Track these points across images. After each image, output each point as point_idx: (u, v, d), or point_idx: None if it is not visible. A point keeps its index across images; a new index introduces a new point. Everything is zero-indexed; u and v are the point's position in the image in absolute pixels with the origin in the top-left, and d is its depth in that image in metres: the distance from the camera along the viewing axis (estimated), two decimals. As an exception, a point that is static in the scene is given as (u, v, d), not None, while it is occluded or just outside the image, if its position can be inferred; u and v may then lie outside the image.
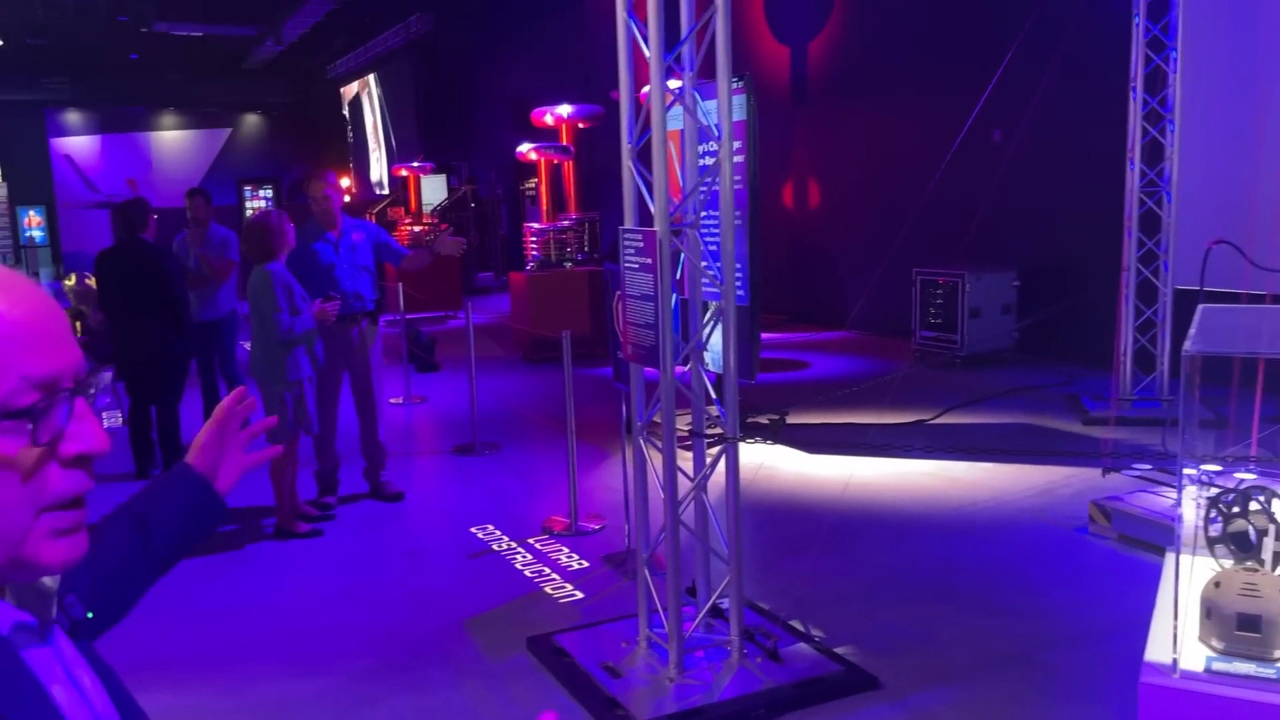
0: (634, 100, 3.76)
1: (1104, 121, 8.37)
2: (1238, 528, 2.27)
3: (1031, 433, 7.31)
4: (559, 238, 11.43)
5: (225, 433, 1.46)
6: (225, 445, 1.46)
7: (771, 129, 13.09)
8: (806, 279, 13.37)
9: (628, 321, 3.87)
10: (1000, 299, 9.88)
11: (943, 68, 10.75)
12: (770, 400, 8.21)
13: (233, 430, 1.47)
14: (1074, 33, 8.59)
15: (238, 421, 1.48)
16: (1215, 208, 8.29)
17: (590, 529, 5.58)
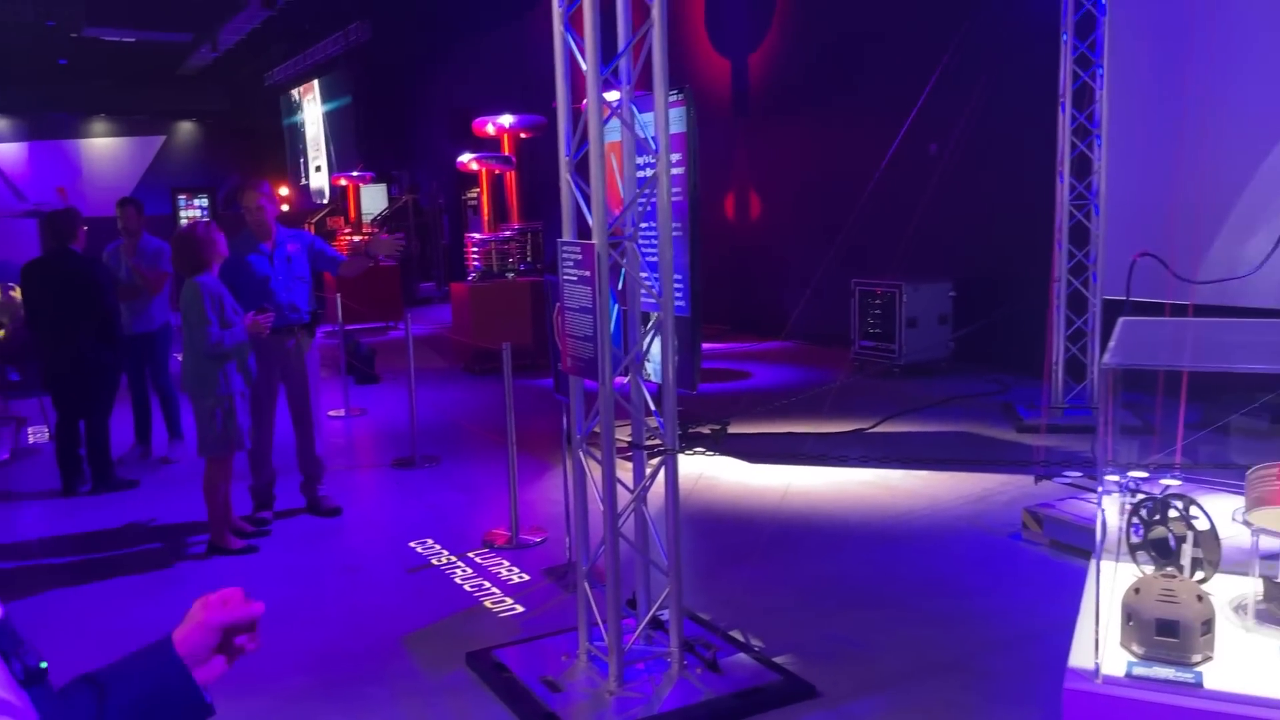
0: (571, 113, 3.76)
1: (1035, 136, 8.57)
2: (1158, 535, 2.33)
3: (967, 441, 7.43)
4: (501, 248, 11.38)
5: (225, 628, 1.29)
6: (220, 637, 1.29)
7: (713, 141, 13.19)
8: (748, 289, 13.47)
9: (566, 334, 3.87)
10: (937, 309, 10.05)
11: (880, 81, 10.93)
12: (712, 410, 8.25)
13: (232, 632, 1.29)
14: (1005, 49, 8.81)
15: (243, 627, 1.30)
16: (1141, 221, 8.53)
17: (531, 542, 5.55)
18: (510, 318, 10.71)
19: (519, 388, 5.89)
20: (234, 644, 1.32)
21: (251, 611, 1.31)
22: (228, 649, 1.31)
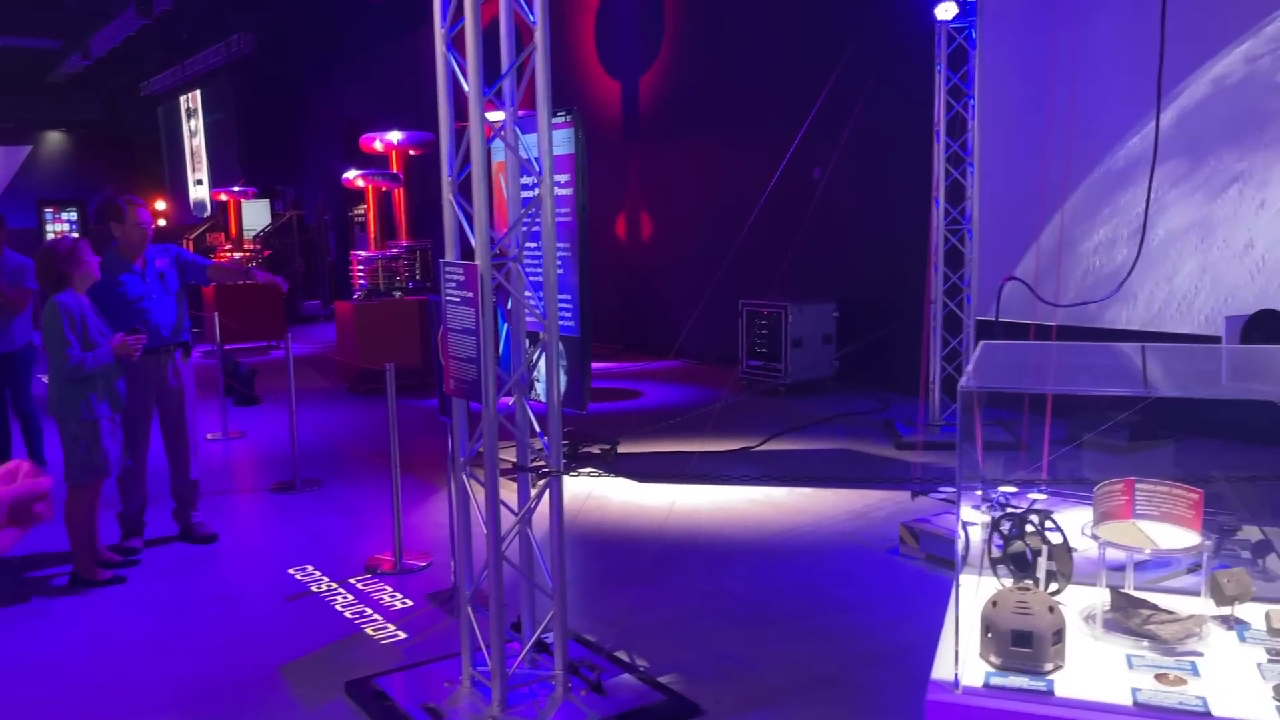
0: (453, 133, 3.74)
1: (913, 163, 8.89)
2: (1016, 549, 2.44)
3: (849, 458, 7.63)
4: (388, 266, 11.20)
5: (15, 503, 1.32)
6: (8, 512, 1.33)
7: (604, 162, 13.27)
8: (639, 309, 13.57)
9: (449, 355, 3.83)
10: (821, 329, 10.30)
11: (766, 105, 11.18)
12: (602, 430, 8.27)
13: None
14: (885, 79, 9.12)
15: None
16: (1013, 245, 8.93)
17: (416, 566, 5.45)
18: (397, 337, 10.54)
19: (406, 408, 5.80)
20: (31, 512, 1.37)
21: (39, 485, 1.37)
22: (21, 519, 1.36)
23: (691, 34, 12.64)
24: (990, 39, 8.43)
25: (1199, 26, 7.78)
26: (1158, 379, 2.46)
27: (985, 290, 8.10)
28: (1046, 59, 8.53)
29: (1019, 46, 8.86)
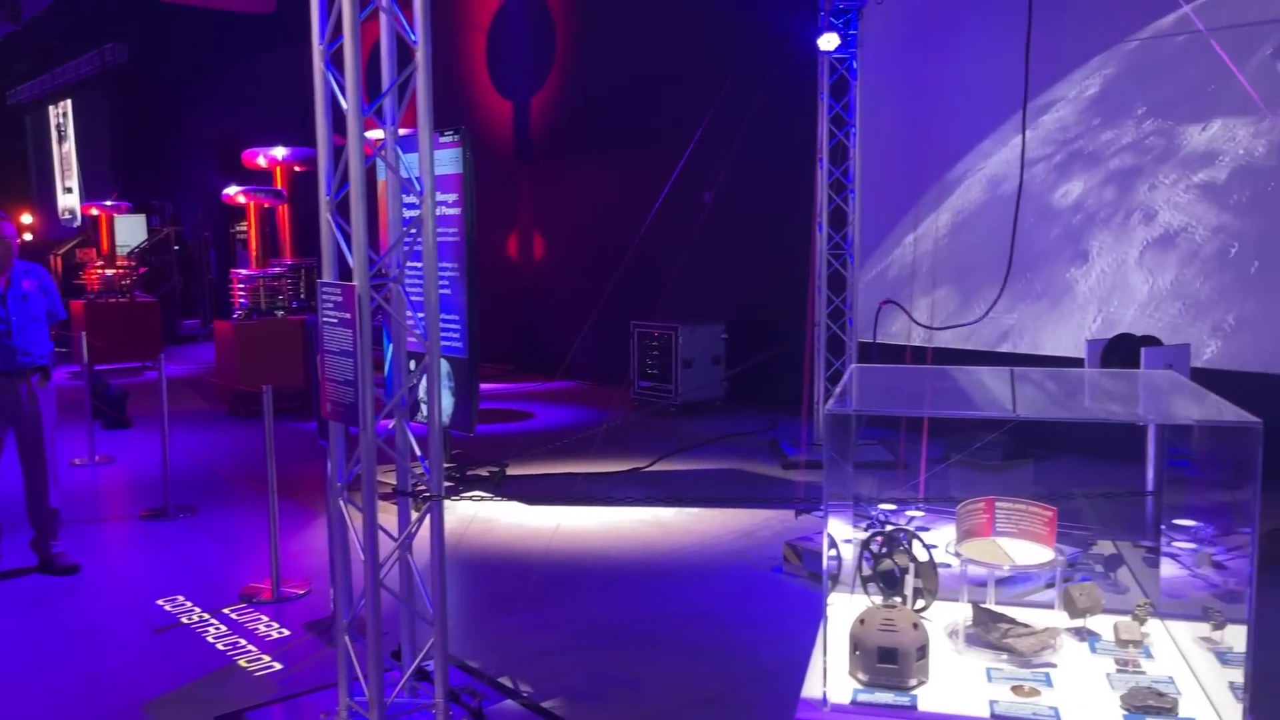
0: (332, 151, 3.67)
1: (799, 189, 9.10)
2: (885, 567, 2.51)
3: (737, 477, 7.73)
4: (270, 285, 10.89)
5: None
6: None
7: (496, 181, 13.21)
8: (532, 330, 13.52)
9: (327, 378, 3.74)
10: (711, 350, 10.43)
11: (656, 128, 11.31)
12: (492, 452, 8.18)
13: None
14: (772, 107, 9.33)
15: None
16: (891, 270, 9.22)
17: (294, 594, 5.29)
18: (279, 358, 10.25)
19: (288, 431, 5.64)
20: None
21: None
22: None
23: (582, 56, 12.72)
24: (870, 70, 8.71)
25: (1062, 55, 8.20)
26: (1019, 401, 2.56)
27: (866, 313, 8.33)
28: (923, 90, 8.87)
29: (897, 78, 9.20)
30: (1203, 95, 7.43)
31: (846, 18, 8.04)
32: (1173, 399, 2.46)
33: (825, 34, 7.83)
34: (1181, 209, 7.57)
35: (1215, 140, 7.38)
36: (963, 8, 8.45)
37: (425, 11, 3.58)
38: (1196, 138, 7.49)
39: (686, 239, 9.11)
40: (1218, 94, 7.32)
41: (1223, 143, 7.34)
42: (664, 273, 9.90)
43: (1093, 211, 8.10)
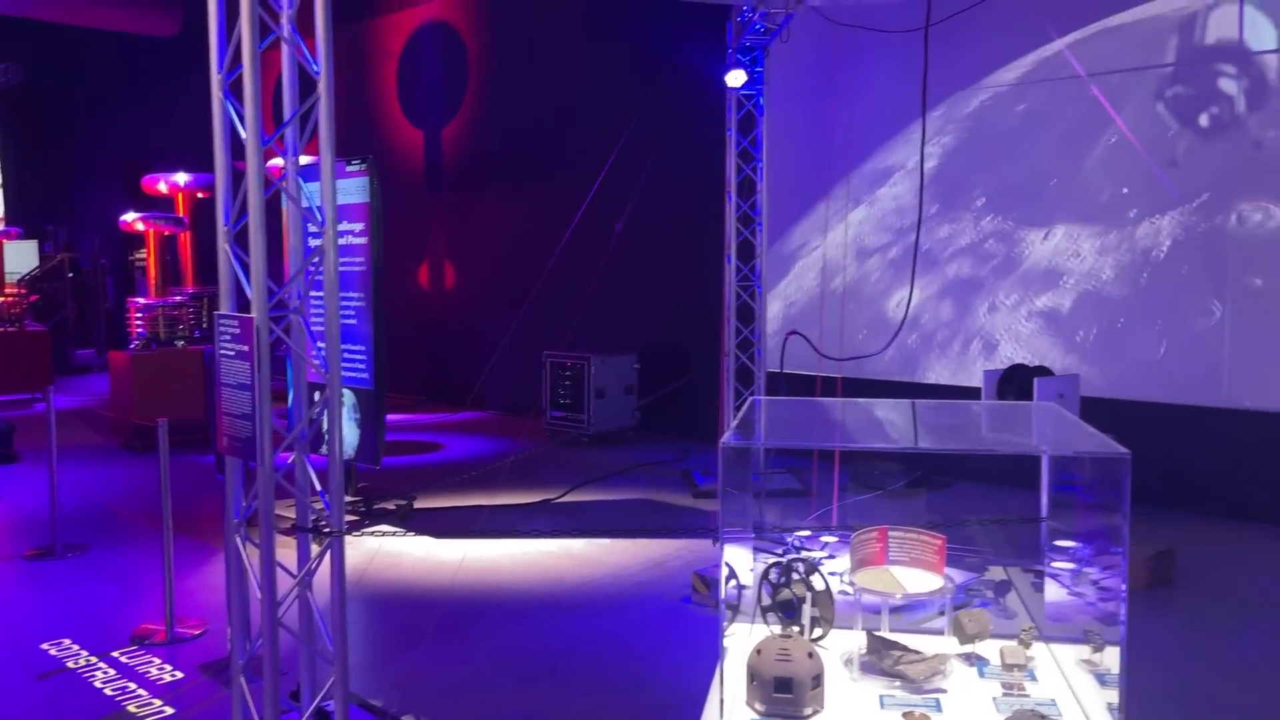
0: (230, 181, 3.60)
1: (709, 221, 9.24)
2: (784, 597, 2.55)
3: (648, 507, 7.75)
4: (170, 314, 10.59)
5: None
6: None
7: (406, 210, 13.09)
8: (443, 359, 13.38)
9: (224, 412, 3.65)
10: (623, 380, 10.47)
11: (568, 158, 11.37)
12: (400, 484, 8.06)
13: None
14: (683, 139, 9.48)
15: None
16: (799, 301, 9.40)
17: (188, 635, 5.11)
18: (178, 389, 9.94)
19: (187, 465, 5.48)
20: None
21: None
22: None
23: (495, 86, 12.73)
24: (778, 106, 8.91)
25: (957, 92, 8.51)
26: (899, 432, 2.64)
27: (774, 343, 8.47)
28: (828, 125, 9.11)
29: (804, 113, 9.43)
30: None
31: (753, 55, 8.22)
32: (1052, 430, 2.57)
33: (733, 71, 7.99)
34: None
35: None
36: (865, 49, 8.73)
37: (328, 42, 3.55)
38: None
39: (599, 269, 9.16)
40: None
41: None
42: (576, 302, 9.92)
43: (995, 248, 8.40)
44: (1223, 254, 7.12)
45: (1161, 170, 7.37)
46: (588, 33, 11.33)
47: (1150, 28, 7.49)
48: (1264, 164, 6.94)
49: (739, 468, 2.33)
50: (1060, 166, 7.98)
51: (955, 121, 8.57)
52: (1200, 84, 7.24)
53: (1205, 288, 7.18)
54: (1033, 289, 8.12)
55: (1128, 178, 7.60)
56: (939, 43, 6.97)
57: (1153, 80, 7.45)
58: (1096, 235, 7.76)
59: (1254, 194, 6.98)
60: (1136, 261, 7.54)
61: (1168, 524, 6.89)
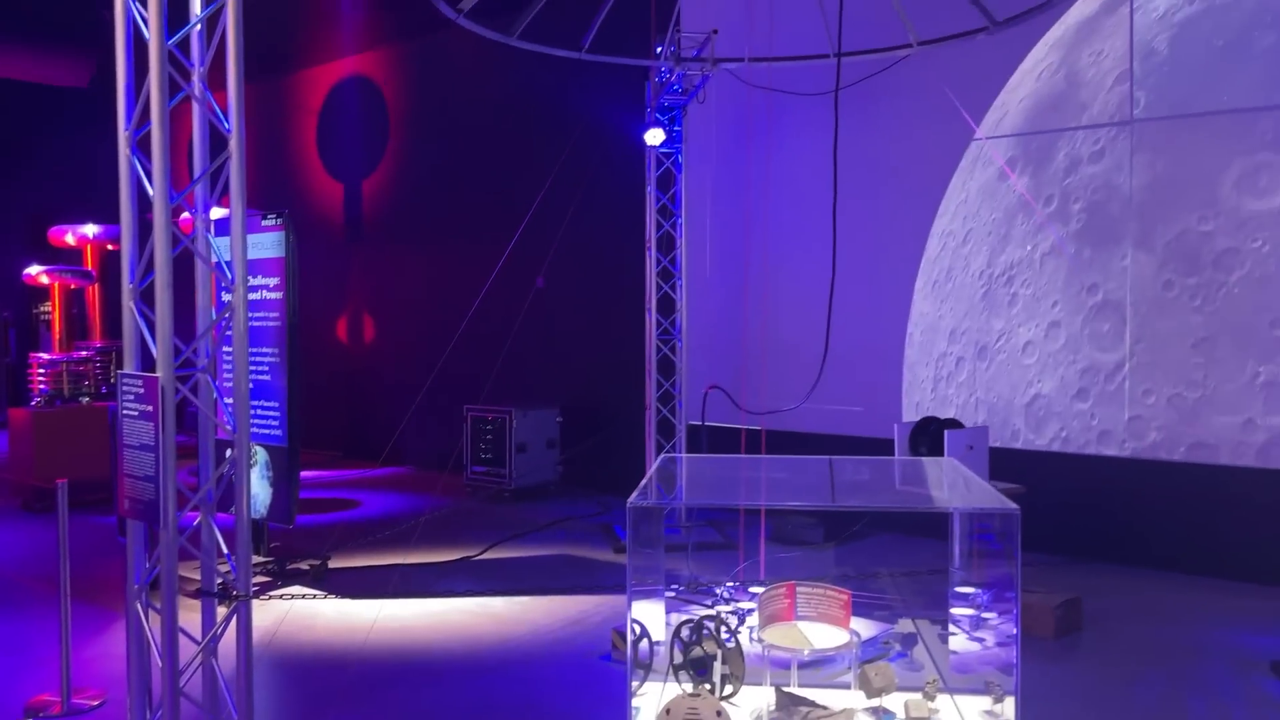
0: (137, 237, 3.55)
1: (630, 275, 9.34)
2: (696, 654, 2.56)
3: (569, 563, 7.69)
4: (75, 370, 10.26)
5: None
6: None
7: (326, 263, 12.96)
8: (361, 414, 13.18)
9: (125, 474, 3.56)
10: (545, 434, 10.43)
11: (488, 212, 11.40)
12: (314, 543, 7.87)
13: None
14: (605, 195, 9.59)
15: None
16: (718, 355, 9.52)
17: (86, 706, 4.89)
18: (82, 448, 9.60)
19: (91, 527, 5.29)
20: None
21: None
22: None
23: (415, 139, 12.75)
24: (697, 163, 9.10)
25: (870, 151, 8.78)
26: (824, 489, 2.69)
27: (694, 397, 8.55)
28: (747, 182, 9.31)
29: (723, 171, 9.63)
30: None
31: (671, 114, 8.40)
32: (952, 487, 2.65)
33: (651, 129, 8.14)
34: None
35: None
36: (781, 109, 8.98)
37: (239, 100, 3.54)
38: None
39: (521, 322, 9.17)
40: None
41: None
42: (498, 356, 9.90)
43: (909, 297, 8.63)
44: (1120, 308, 7.43)
45: (1054, 229, 7.70)
46: (508, 88, 11.45)
47: (1040, 100, 7.87)
48: (1140, 210, 7.29)
49: (652, 524, 2.35)
50: (962, 227, 8.28)
51: (868, 180, 8.83)
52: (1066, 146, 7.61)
53: (1107, 336, 7.48)
54: (947, 341, 8.35)
55: (1028, 236, 7.90)
56: (849, 105, 7.22)
57: (1051, 140, 7.80)
58: (1004, 289, 8.04)
59: (1123, 241, 7.32)
60: (1045, 313, 7.82)
61: (1078, 572, 7.09)
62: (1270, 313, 6.81)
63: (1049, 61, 7.95)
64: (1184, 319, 7.14)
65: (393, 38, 12.78)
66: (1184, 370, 7.14)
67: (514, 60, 11.67)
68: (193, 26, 3.53)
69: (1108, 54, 7.63)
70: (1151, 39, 7.39)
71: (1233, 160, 6.98)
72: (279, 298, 6.69)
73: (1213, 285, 7.04)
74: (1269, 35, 6.90)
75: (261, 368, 6.74)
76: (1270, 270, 6.82)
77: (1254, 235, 6.90)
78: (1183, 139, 7.21)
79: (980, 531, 2.70)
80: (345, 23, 13.26)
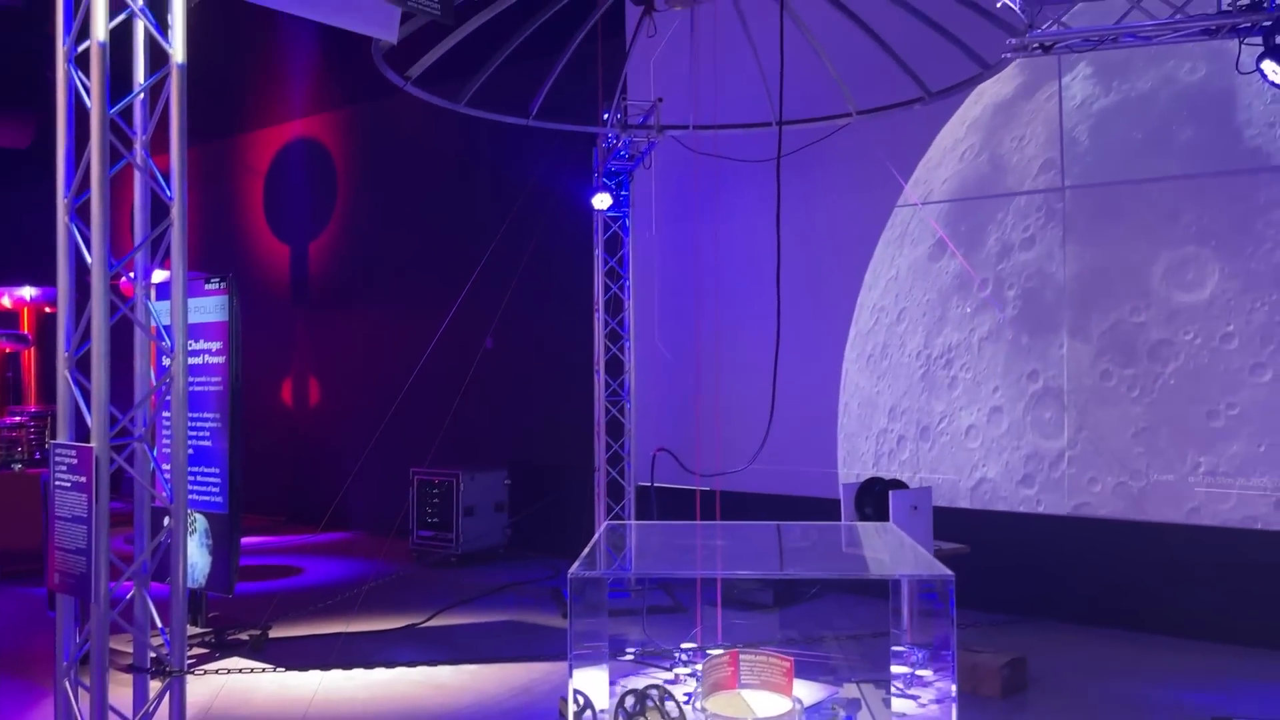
0: (73, 306, 3.51)
1: (579, 336, 9.37)
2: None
3: (518, 629, 7.58)
4: (7, 435, 9.99)
5: None
6: None
7: (271, 325, 12.83)
8: (306, 478, 12.96)
9: (56, 546, 3.46)
10: (493, 497, 10.33)
11: (436, 274, 11.40)
12: (255, 612, 7.67)
13: None
14: (552, 258, 9.65)
15: None
16: (667, 416, 9.54)
17: (9, 790, 4.70)
18: (13, 516, 9.30)
19: (21, 598, 5.12)
20: None
21: None
22: None
23: (364, 201, 12.76)
24: (644, 227, 9.22)
25: (813, 215, 8.96)
26: (771, 555, 2.71)
27: (643, 458, 8.55)
28: (694, 246, 9.44)
29: (671, 234, 9.76)
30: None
31: (618, 179, 8.52)
32: (888, 553, 2.68)
33: (598, 194, 8.25)
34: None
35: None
36: (727, 175, 9.14)
37: (182, 169, 3.54)
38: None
39: (469, 383, 9.13)
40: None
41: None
42: (445, 418, 9.83)
43: (857, 361, 8.76)
44: (1060, 396, 7.54)
45: (987, 293, 7.88)
46: (457, 151, 11.53)
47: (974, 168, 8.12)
48: (1074, 299, 7.50)
49: (595, 592, 2.35)
50: (894, 304, 8.45)
51: (810, 243, 9.00)
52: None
53: (1049, 424, 7.58)
54: (887, 418, 8.45)
55: (964, 319, 8.05)
56: (791, 170, 7.39)
57: (981, 224, 8.03)
58: (943, 370, 8.15)
59: (1059, 329, 7.52)
60: (986, 398, 7.93)
61: (1024, 630, 7.15)
62: (1206, 404, 6.89)
63: (970, 142, 8.17)
64: (1124, 409, 7.21)
65: (342, 102, 12.84)
66: (1127, 460, 7.17)
67: (463, 124, 11.78)
68: (135, 95, 3.54)
69: (1030, 139, 7.85)
70: (1072, 128, 7.61)
71: (1160, 253, 7.13)
72: (221, 362, 6.61)
73: (1149, 376, 7.12)
74: (1186, 129, 7.09)
75: (202, 433, 6.63)
76: (1204, 362, 6.91)
77: (1185, 328, 7.00)
78: (1111, 231, 7.37)
79: (922, 592, 2.73)
80: (294, 86, 13.32)
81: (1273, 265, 6.73)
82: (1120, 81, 7.41)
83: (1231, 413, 6.82)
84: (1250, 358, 6.78)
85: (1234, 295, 6.86)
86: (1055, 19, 5.65)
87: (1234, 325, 6.85)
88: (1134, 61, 7.32)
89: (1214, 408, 6.89)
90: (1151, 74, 7.27)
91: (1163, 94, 7.23)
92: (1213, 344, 6.91)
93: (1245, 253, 6.84)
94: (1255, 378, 6.76)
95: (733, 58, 8.11)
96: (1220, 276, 6.91)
